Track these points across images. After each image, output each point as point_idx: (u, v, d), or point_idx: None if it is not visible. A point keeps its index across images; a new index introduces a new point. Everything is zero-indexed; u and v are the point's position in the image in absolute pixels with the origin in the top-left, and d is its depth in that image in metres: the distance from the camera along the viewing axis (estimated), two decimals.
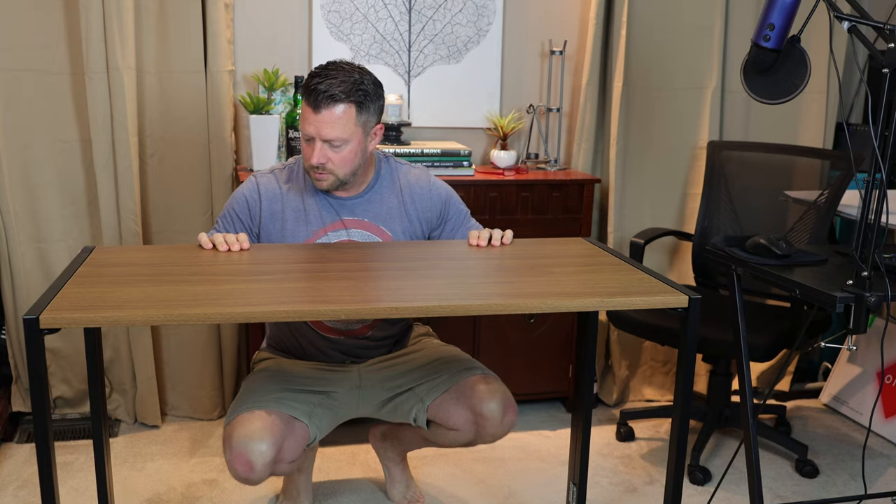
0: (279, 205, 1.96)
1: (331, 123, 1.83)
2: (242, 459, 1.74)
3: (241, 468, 1.75)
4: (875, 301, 1.63)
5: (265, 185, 1.97)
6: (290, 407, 1.87)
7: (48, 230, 2.58)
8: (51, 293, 1.42)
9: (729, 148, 2.81)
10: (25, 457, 2.51)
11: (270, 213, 1.96)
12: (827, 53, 2.89)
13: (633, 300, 1.48)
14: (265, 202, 1.96)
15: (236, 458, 1.75)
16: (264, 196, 1.96)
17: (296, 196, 1.97)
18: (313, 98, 1.83)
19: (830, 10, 1.71)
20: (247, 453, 1.74)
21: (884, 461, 2.66)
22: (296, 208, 1.96)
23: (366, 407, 2.05)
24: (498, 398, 1.89)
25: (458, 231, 2.07)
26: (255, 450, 1.74)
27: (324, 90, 1.82)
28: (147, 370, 2.67)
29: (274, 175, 1.99)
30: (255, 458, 1.74)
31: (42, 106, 2.51)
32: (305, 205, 1.96)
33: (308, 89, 1.84)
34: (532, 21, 2.94)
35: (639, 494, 2.41)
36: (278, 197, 1.96)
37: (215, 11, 2.52)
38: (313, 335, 2.04)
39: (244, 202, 1.96)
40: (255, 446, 1.74)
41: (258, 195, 1.96)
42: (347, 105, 1.84)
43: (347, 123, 1.85)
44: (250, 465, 1.74)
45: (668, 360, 3.08)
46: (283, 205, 1.96)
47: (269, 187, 1.97)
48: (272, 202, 1.96)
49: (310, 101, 1.84)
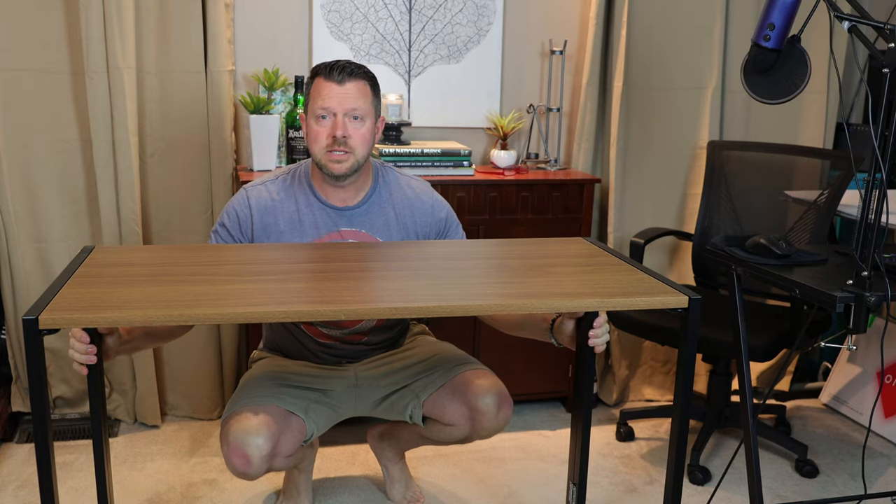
0: (271, 217, 1.93)
1: (354, 95, 1.86)
2: (239, 453, 1.76)
3: (237, 462, 1.77)
4: (875, 301, 1.63)
5: (256, 197, 1.94)
6: (286, 402, 1.88)
7: (48, 230, 2.58)
8: (50, 293, 1.42)
9: (729, 148, 2.81)
10: (25, 457, 2.51)
11: (263, 225, 1.93)
12: (827, 53, 2.89)
13: (633, 300, 1.48)
14: (256, 215, 1.93)
15: (233, 451, 1.77)
16: (255, 209, 1.93)
17: (290, 206, 1.94)
18: (336, 72, 1.86)
19: (831, 9, 1.71)
20: (243, 447, 1.76)
21: (884, 461, 2.65)
22: (290, 219, 1.93)
23: (362, 405, 2.05)
24: (493, 392, 1.90)
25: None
26: (251, 443, 1.76)
27: (345, 65, 1.86)
28: (147, 370, 2.67)
29: (265, 186, 1.96)
30: (251, 452, 1.76)
31: (42, 106, 2.51)
32: (301, 215, 1.94)
33: (326, 68, 1.86)
34: (532, 21, 2.94)
35: (639, 494, 2.41)
36: (270, 209, 1.93)
37: (215, 11, 2.52)
38: (308, 340, 2.04)
39: (234, 217, 1.93)
40: (252, 440, 1.76)
41: (248, 209, 1.93)
42: (365, 82, 1.89)
43: (367, 98, 1.89)
44: (247, 459, 1.76)
45: (668, 360, 3.08)
46: (276, 216, 1.93)
47: (260, 200, 1.94)
48: (264, 215, 1.93)
49: (331, 76, 1.86)
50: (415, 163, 2.66)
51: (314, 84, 1.88)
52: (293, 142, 2.60)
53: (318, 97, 1.86)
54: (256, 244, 1.90)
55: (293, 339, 2.06)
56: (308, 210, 1.94)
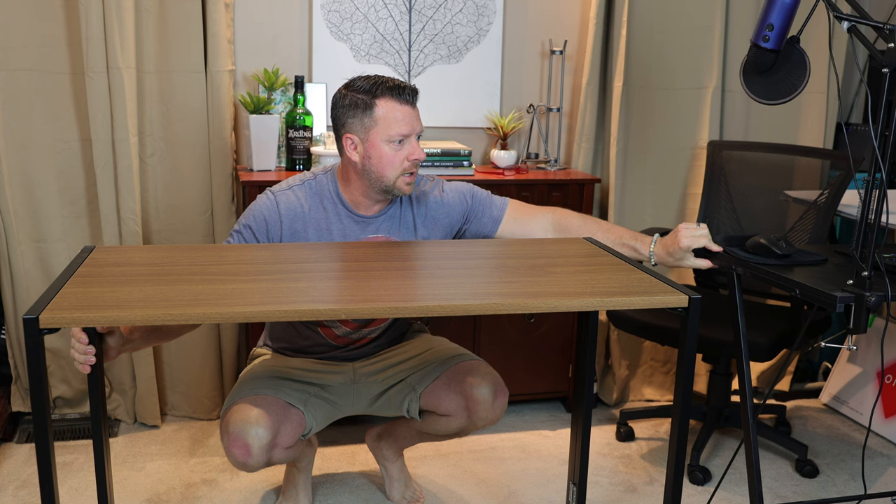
0: (300, 224, 1.90)
1: (419, 115, 1.88)
2: (239, 443, 1.77)
3: (238, 452, 1.77)
4: (875, 301, 1.63)
5: (286, 203, 1.90)
6: (285, 394, 1.89)
7: (48, 230, 2.58)
8: (50, 293, 1.42)
9: (729, 148, 2.81)
10: (25, 457, 2.51)
11: (291, 231, 1.90)
12: (827, 53, 2.89)
13: (633, 300, 1.48)
14: (286, 222, 1.89)
15: (233, 442, 1.78)
16: (285, 215, 1.89)
17: (320, 214, 1.91)
18: (408, 94, 1.85)
19: (830, 10, 1.71)
20: (244, 437, 1.77)
21: (884, 461, 2.65)
22: (318, 227, 1.91)
23: (360, 402, 2.06)
24: (488, 381, 1.91)
25: (486, 210, 2.04)
26: (251, 433, 1.77)
27: (407, 86, 1.85)
28: (147, 370, 2.67)
29: (293, 192, 1.92)
30: (252, 442, 1.77)
31: (42, 106, 2.50)
32: (329, 224, 1.92)
33: (395, 90, 1.83)
34: (532, 21, 2.94)
35: (639, 494, 2.41)
36: (300, 216, 1.90)
37: (215, 11, 2.52)
38: (320, 340, 2.05)
39: (263, 222, 1.89)
40: (252, 430, 1.77)
41: (278, 215, 1.89)
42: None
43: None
44: (247, 449, 1.77)
45: (668, 360, 3.08)
46: (305, 223, 1.91)
47: (290, 206, 1.90)
48: (293, 221, 1.90)
49: (403, 97, 1.84)
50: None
51: (382, 105, 1.83)
52: (293, 142, 2.60)
53: (395, 122, 1.83)
54: (256, 244, 1.90)
55: (299, 337, 2.06)
56: (337, 219, 1.92)
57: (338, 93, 1.90)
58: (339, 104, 1.89)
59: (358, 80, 1.87)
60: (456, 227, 2.04)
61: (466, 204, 2.03)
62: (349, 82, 1.89)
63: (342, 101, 1.88)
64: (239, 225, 1.91)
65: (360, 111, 1.84)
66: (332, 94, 1.95)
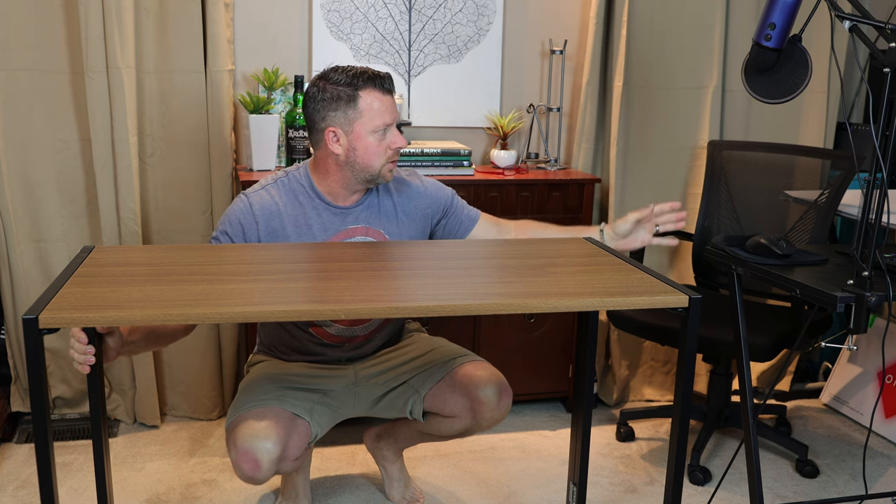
0: (277, 221, 1.88)
1: (395, 103, 1.89)
2: (249, 458, 1.74)
3: (247, 467, 1.75)
4: (875, 301, 1.63)
5: (259, 203, 1.87)
6: (291, 404, 1.87)
7: (48, 230, 2.58)
8: (50, 293, 1.41)
9: (729, 147, 2.81)
10: (24, 457, 2.51)
11: (269, 231, 1.88)
12: (828, 53, 2.89)
13: (633, 300, 1.48)
14: (262, 221, 1.87)
15: (242, 456, 1.75)
16: (260, 216, 1.87)
17: (296, 210, 1.90)
18: (387, 83, 1.85)
19: (831, 9, 1.70)
20: (253, 451, 1.74)
21: (884, 461, 2.65)
22: (297, 223, 1.90)
23: (361, 404, 2.05)
24: (493, 383, 1.91)
25: (464, 210, 2.07)
26: (261, 448, 1.74)
27: (385, 74, 1.86)
28: (146, 370, 2.67)
29: (266, 191, 1.90)
30: (261, 457, 1.74)
31: (41, 105, 2.50)
32: (308, 219, 1.90)
33: (375, 80, 1.83)
34: (532, 20, 2.94)
35: (639, 494, 2.41)
36: (276, 214, 1.88)
37: (215, 11, 2.52)
38: (312, 341, 2.03)
39: (238, 225, 1.86)
40: (262, 444, 1.74)
41: (253, 216, 1.87)
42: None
43: None
44: (257, 464, 1.74)
45: (668, 360, 3.08)
46: (283, 221, 1.89)
47: (265, 205, 1.88)
48: (269, 220, 1.88)
49: (383, 87, 1.84)
50: (415, 162, 2.66)
51: (365, 97, 1.82)
52: (293, 142, 2.60)
53: (378, 113, 1.83)
54: (255, 244, 1.90)
55: (292, 340, 2.05)
56: (315, 213, 1.91)
57: (313, 86, 1.86)
58: (317, 98, 1.85)
59: (334, 73, 1.84)
60: (436, 217, 2.04)
61: (447, 199, 2.05)
62: (324, 75, 1.86)
63: (321, 95, 1.84)
64: (217, 231, 1.89)
65: (342, 103, 1.83)
66: (305, 89, 1.92)
